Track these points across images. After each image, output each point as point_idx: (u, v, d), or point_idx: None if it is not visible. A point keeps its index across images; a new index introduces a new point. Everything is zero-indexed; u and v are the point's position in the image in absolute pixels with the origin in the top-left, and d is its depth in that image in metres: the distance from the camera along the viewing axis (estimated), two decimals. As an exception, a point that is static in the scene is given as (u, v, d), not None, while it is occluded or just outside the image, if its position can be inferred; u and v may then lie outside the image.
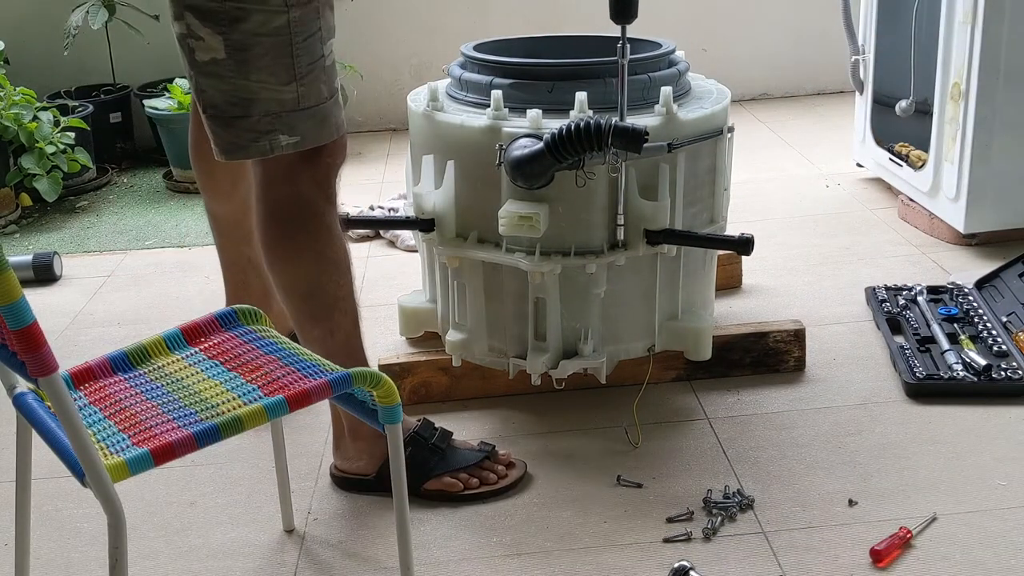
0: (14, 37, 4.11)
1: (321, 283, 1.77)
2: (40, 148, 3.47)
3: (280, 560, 1.72)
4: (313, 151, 1.72)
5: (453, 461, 1.86)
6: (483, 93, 2.03)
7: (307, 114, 1.68)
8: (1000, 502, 1.76)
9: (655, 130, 1.90)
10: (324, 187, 1.75)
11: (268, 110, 1.66)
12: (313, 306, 1.78)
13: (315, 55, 1.68)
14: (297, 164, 1.72)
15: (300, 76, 1.66)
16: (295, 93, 1.67)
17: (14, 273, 1.10)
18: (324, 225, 1.75)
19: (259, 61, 1.64)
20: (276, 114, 1.66)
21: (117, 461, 1.26)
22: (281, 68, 1.65)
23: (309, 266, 1.76)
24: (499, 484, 1.86)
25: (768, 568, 1.63)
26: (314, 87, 1.68)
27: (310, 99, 1.68)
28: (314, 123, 1.69)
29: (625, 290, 2.03)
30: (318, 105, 1.69)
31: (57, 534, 1.82)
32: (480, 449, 1.90)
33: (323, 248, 1.75)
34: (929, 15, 2.86)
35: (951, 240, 2.84)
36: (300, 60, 1.66)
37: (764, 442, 1.97)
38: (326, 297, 1.77)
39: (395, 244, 3.09)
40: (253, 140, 1.68)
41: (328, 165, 1.75)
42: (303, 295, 1.78)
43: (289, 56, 1.65)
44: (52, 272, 2.99)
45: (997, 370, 2.10)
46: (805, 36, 4.49)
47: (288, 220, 1.74)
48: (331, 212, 1.76)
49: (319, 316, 1.78)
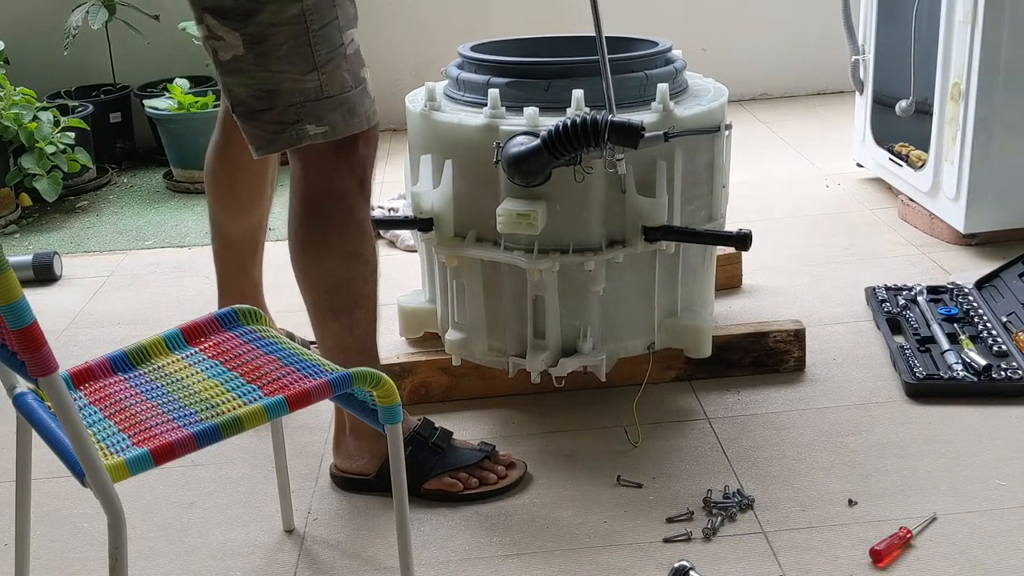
0: (14, 37, 4.11)
1: (348, 279, 1.76)
2: (40, 148, 3.47)
3: (280, 560, 1.72)
4: (348, 143, 1.72)
5: (453, 461, 1.86)
6: (480, 92, 2.03)
7: (333, 103, 1.68)
8: (1000, 502, 1.76)
9: (652, 126, 1.90)
10: (360, 180, 1.75)
11: (292, 100, 1.66)
12: (335, 301, 1.77)
13: (335, 43, 1.67)
14: (332, 157, 1.72)
15: (321, 64, 1.66)
16: (317, 82, 1.66)
17: (14, 273, 1.10)
18: (356, 220, 1.75)
19: (277, 51, 1.64)
20: (300, 104, 1.66)
21: (117, 461, 1.26)
22: (300, 57, 1.65)
23: (337, 261, 1.75)
24: (499, 484, 1.85)
25: (768, 568, 1.63)
26: (336, 75, 1.68)
27: (333, 87, 1.68)
28: (342, 112, 1.69)
29: (624, 287, 2.03)
30: (343, 93, 1.69)
31: (57, 534, 1.82)
32: (480, 449, 1.90)
33: (353, 243, 1.75)
34: (929, 15, 2.86)
35: (951, 240, 2.84)
36: (319, 48, 1.66)
37: (764, 442, 1.97)
38: (351, 292, 1.77)
39: (395, 244, 3.09)
40: (280, 131, 1.68)
41: (364, 157, 1.75)
42: (327, 289, 1.77)
43: (307, 45, 1.65)
44: (52, 272, 2.99)
45: (997, 370, 2.10)
46: (805, 36, 4.49)
47: (321, 214, 1.74)
48: (364, 207, 1.76)
49: (340, 312, 1.77)
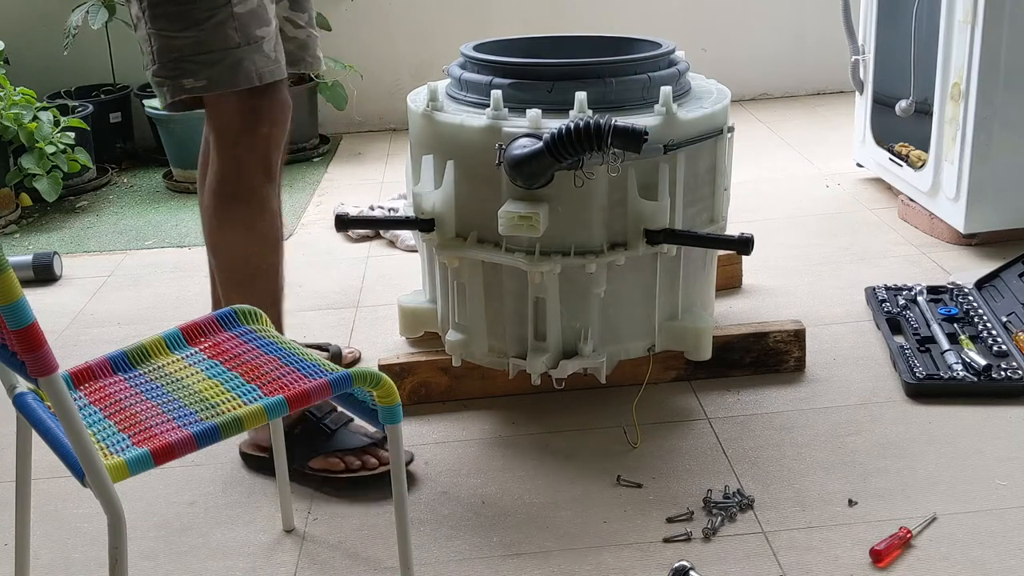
0: (14, 37, 4.11)
1: (247, 254, 1.88)
2: (40, 148, 3.47)
3: (280, 560, 1.72)
4: (252, 120, 1.80)
5: (339, 442, 1.92)
6: (483, 93, 2.03)
7: (211, 58, 1.75)
8: (1000, 502, 1.76)
9: (655, 130, 1.90)
10: (263, 160, 1.83)
11: (168, 56, 1.76)
12: (236, 274, 1.89)
13: (218, 1, 1.74)
14: (237, 136, 1.81)
15: (199, 22, 1.74)
16: (194, 38, 1.74)
17: (14, 273, 1.11)
18: (257, 198, 1.85)
19: (157, 10, 1.75)
20: (175, 59, 1.76)
21: (117, 461, 1.26)
22: (177, 15, 1.74)
23: (238, 236, 1.87)
24: (379, 469, 1.90)
25: (768, 568, 1.63)
26: (220, 32, 1.75)
27: (215, 44, 1.75)
28: (223, 68, 1.76)
29: (625, 290, 2.03)
30: (227, 50, 1.75)
31: (57, 534, 1.82)
32: (371, 436, 1.95)
33: (254, 222, 1.86)
34: (929, 15, 2.86)
35: (951, 240, 2.84)
36: (197, 6, 1.73)
37: (764, 442, 1.97)
38: (249, 267, 1.88)
39: (395, 244, 3.09)
40: (161, 85, 1.79)
41: (266, 136, 1.83)
42: (229, 263, 1.90)
43: (184, 3, 1.73)
44: (52, 272, 2.99)
45: (997, 370, 2.10)
46: (805, 36, 4.49)
47: (225, 191, 1.85)
48: (267, 187, 1.85)
49: (241, 283, 1.89)
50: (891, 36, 3.14)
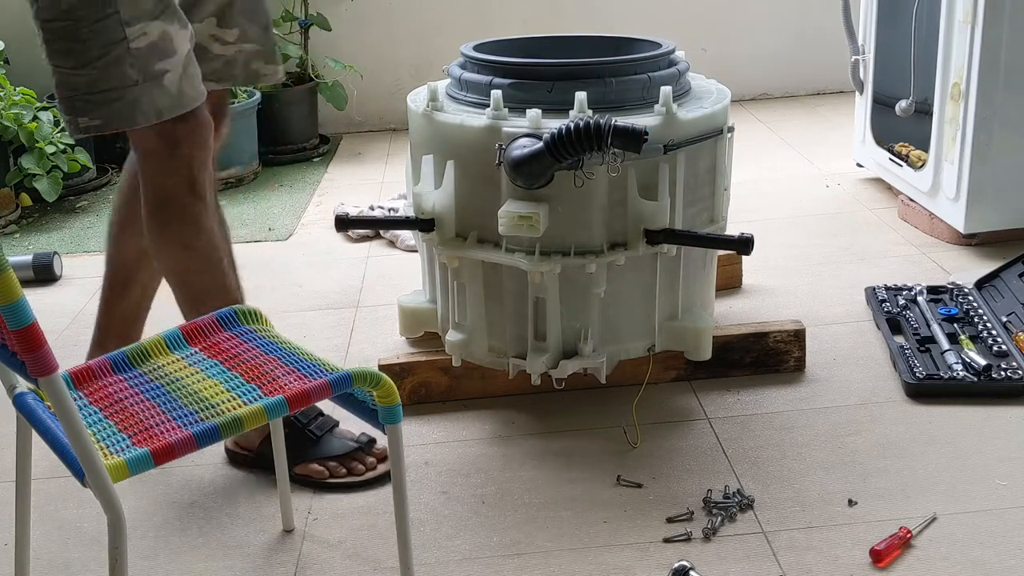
0: (14, 37, 4.10)
1: (187, 270, 1.87)
2: (40, 148, 3.47)
3: (280, 560, 1.72)
4: (171, 144, 1.77)
5: (323, 449, 1.92)
6: (483, 93, 2.03)
7: (106, 97, 1.70)
8: (1000, 502, 1.76)
9: (655, 129, 1.90)
10: (188, 179, 1.80)
11: (64, 94, 1.72)
12: (184, 292, 1.89)
13: (112, 38, 1.68)
14: (159, 158, 1.79)
15: (92, 60, 1.68)
16: (88, 76, 1.69)
17: (14, 273, 1.11)
18: (190, 218, 1.82)
19: (52, 46, 1.71)
20: (70, 98, 1.71)
21: (117, 461, 1.26)
22: (70, 53, 1.69)
23: (177, 256, 1.86)
24: (366, 476, 1.89)
25: (768, 568, 1.63)
26: (115, 70, 1.69)
27: (108, 82, 1.70)
28: (121, 106, 1.71)
29: (625, 290, 2.03)
30: (123, 88, 1.70)
31: (57, 534, 1.82)
32: (356, 440, 1.94)
33: (190, 240, 1.84)
34: (929, 15, 2.86)
35: (951, 240, 2.84)
36: (90, 44, 1.67)
37: (764, 442, 1.97)
38: (192, 287, 1.88)
39: (395, 244, 3.09)
40: (64, 120, 1.76)
41: (189, 157, 1.79)
42: (176, 283, 1.89)
43: (76, 40, 1.68)
44: (52, 272, 2.99)
45: (997, 370, 2.10)
46: (805, 36, 4.49)
47: (156, 212, 1.83)
48: (196, 204, 1.82)
49: (191, 301, 1.88)
50: (891, 36, 3.14)
